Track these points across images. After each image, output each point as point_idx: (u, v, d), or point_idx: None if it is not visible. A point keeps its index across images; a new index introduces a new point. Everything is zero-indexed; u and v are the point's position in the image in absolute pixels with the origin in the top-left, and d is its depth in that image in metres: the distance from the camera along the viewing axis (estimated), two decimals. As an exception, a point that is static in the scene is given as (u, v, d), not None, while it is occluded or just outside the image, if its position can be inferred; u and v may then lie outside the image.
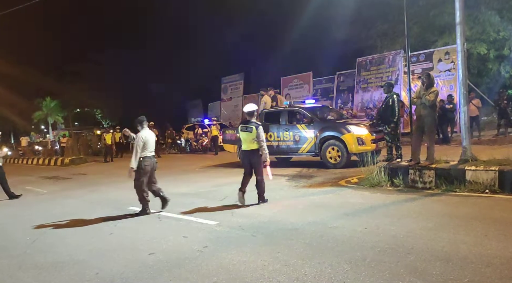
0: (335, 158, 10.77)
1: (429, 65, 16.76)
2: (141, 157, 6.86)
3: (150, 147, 6.99)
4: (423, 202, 6.49)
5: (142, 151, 6.86)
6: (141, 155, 6.85)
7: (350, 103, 20.01)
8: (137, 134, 6.98)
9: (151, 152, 7.02)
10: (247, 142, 7.13)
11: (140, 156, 6.84)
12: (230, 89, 28.04)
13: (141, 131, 7.00)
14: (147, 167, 6.91)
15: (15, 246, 5.74)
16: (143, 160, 6.87)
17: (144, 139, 6.90)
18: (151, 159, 7.02)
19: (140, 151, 6.84)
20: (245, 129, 7.14)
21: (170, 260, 4.59)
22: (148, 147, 6.95)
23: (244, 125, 7.21)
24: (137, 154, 6.81)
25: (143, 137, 6.90)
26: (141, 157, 6.85)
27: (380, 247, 4.40)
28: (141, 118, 7.19)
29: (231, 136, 13.66)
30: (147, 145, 6.91)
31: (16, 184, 13.71)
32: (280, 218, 6.07)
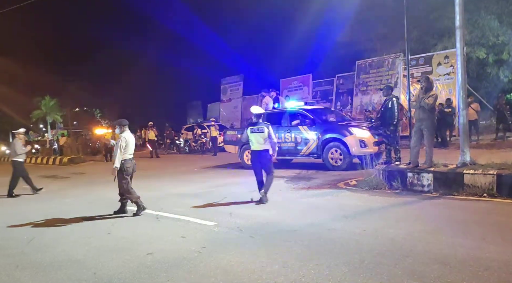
0: (337, 160, 10.76)
1: (429, 69, 16.80)
2: (122, 159, 6.95)
3: (130, 149, 7.10)
4: (422, 205, 6.50)
5: (123, 152, 6.96)
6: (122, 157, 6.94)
7: (349, 105, 20.04)
8: (121, 135, 7.10)
9: (130, 155, 7.12)
10: (259, 142, 7.39)
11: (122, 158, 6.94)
12: (229, 91, 28.07)
13: (124, 133, 7.13)
14: (128, 168, 7.05)
15: (12, 245, 5.71)
16: (124, 162, 6.98)
17: (127, 140, 7.03)
18: (131, 161, 7.15)
19: (123, 151, 6.95)
20: (257, 131, 7.40)
21: (168, 260, 4.58)
22: (129, 149, 7.06)
23: (255, 127, 7.42)
24: (120, 154, 6.92)
25: (126, 138, 7.04)
26: (122, 159, 6.94)
27: (378, 249, 4.41)
28: (123, 121, 7.32)
29: (232, 137, 13.66)
30: (128, 147, 7.02)
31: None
32: (279, 220, 6.06)
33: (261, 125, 7.48)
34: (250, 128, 7.52)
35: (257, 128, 7.44)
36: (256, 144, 7.44)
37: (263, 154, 7.43)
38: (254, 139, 7.45)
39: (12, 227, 6.76)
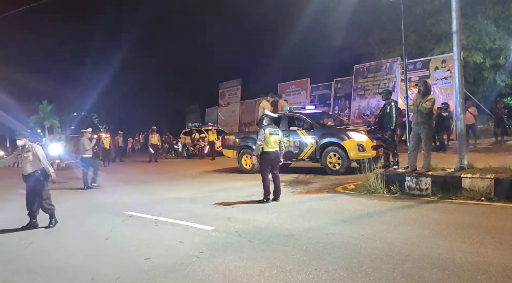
0: (335, 164, 10.77)
1: (426, 73, 16.86)
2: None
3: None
4: (420, 209, 6.51)
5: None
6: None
7: (347, 110, 20.08)
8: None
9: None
10: (275, 143, 7.85)
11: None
12: (227, 95, 28.10)
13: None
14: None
15: (9, 250, 5.69)
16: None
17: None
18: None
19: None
20: (274, 132, 7.89)
21: (166, 265, 4.57)
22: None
23: (273, 129, 7.88)
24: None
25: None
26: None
27: (377, 254, 4.41)
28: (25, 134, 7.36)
29: (231, 141, 13.66)
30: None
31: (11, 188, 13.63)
32: (277, 224, 6.06)
33: (276, 128, 8.07)
34: (269, 129, 7.84)
35: (274, 130, 7.94)
36: (272, 145, 7.82)
37: (276, 154, 7.89)
38: (272, 140, 7.79)
39: (9, 232, 6.73)
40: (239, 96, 27.26)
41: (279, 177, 7.97)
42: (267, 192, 7.71)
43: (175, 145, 24.58)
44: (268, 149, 7.80)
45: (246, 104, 26.40)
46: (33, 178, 6.88)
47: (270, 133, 7.82)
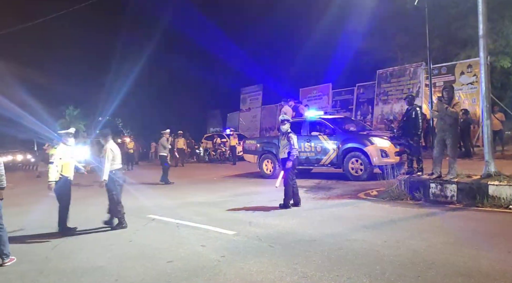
0: (358, 170, 10.66)
1: (451, 78, 16.55)
2: (112, 169, 6.89)
3: (118, 159, 7.04)
4: (445, 217, 6.38)
5: (112, 163, 6.90)
6: (112, 167, 6.88)
7: (370, 115, 19.87)
8: (105, 147, 7.01)
9: (119, 164, 7.10)
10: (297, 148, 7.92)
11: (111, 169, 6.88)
12: (249, 100, 28.21)
13: (109, 144, 7.03)
14: (119, 179, 7.00)
15: (36, 252, 5.85)
16: (115, 173, 6.92)
17: (114, 151, 6.96)
18: (121, 171, 7.14)
19: (110, 163, 6.86)
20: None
21: (188, 268, 4.62)
22: (117, 159, 7.01)
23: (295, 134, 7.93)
24: (108, 167, 6.84)
25: (112, 149, 6.95)
26: (112, 169, 6.88)
27: (400, 261, 4.34)
28: (106, 132, 7.28)
29: (252, 146, 13.70)
30: (115, 158, 6.96)
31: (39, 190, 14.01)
32: (298, 229, 6.04)
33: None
34: (296, 135, 7.96)
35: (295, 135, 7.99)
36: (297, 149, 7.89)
37: (297, 160, 7.98)
38: (296, 145, 7.89)
39: (37, 234, 6.91)
40: (260, 101, 27.33)
41: (296, 183, 7.95)
42: (288, 198, 7.69)
43: (197, 149, 24.80)
44: (297, 153, 7.86)
45: (267, 109, 26.43)
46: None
47: (298, 139, 7.91)
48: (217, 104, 32.05)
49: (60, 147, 6.82)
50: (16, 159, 34.29)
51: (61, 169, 6.71)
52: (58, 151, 6.73)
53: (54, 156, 6.68)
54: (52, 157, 6.71)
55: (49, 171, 6.66)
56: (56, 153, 6.71)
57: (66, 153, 6.81)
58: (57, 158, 6.67)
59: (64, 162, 6.75)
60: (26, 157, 35.23)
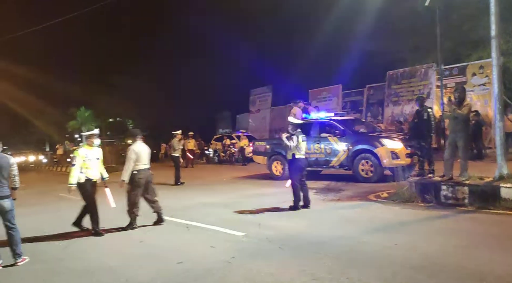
0: (368, 171, 10.60)
1: (463, 79, 16.37)
2: (135, 170, 6.88)
3: (143, 159, 7.00)
4: (456, 219, 6.31)
5: (135, 164, 6.88)
6: (134, 168, 6.87)
7: (380, 116, 19.75)
8: (129, 147, 7.04)
9: (145, 165, 7.04)
10: (305, 149, 7.88)
11: (133, 169, 6.87)
12: (258, 101, 28.21)
13: (133, 145, 7.04)
14: (141, 180, 6.93)
15: (49, 252, 5.91)
16: (138, 173, 6.90)
17: (137, 152, 6.92)
18: (146, 172, 7.04)
19: (132, 164, 6.85)
20: (304, 139, 7.92)
21: (198, 269, 4.63)
22: (141, 159, 6.97)
23: (303, 135, 7.90)
24: (129, 167, 6.84)
25: (135, 150, 6.92)
26: (134, 170, 6.87)
27: (411, 263, 4.30)
28: (134, 132, 7.27)
29: (261, 148, 13.69)
30: (139, 158, 6.93)
31: (50, 190, 14.18)
32: (308, 231, 6.02)
33: (303, 135, 8.02)
34: (301, 136, 7.85)
35: (303, 136, 7.95)
36: (304, 151, 7.88)
37: (306, 162, 8.04)
38: (303, 147, 7.86)
39: (49, 234, 6.98)
40: (269, 102, 27.32)
41: (306, 184, 7.92)
42: (297, 199, 7.67)
43: (207, 150, 24.86)
44: (300, 155, 7.80)
45: (277, 110, 26.39)
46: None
47: (303, 140, 7.84)
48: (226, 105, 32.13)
49: (83, 149, 6.73)
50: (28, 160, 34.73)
51: (85, 170, 6.59)
52: (81, 153, 6.62)
53: (77, 157, 6.54)
54: (74, 159, 6.57)
55: (70, 173, 6.57)
56: (78, 154, 6.59)
57: (90, 154, 6.69)
58: (79, 159, 6.54)
59: (88, 163, 6.61)
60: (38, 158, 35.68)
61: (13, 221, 5.30)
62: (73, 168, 6.58)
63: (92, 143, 6.84)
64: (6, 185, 5.23)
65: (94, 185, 6.75)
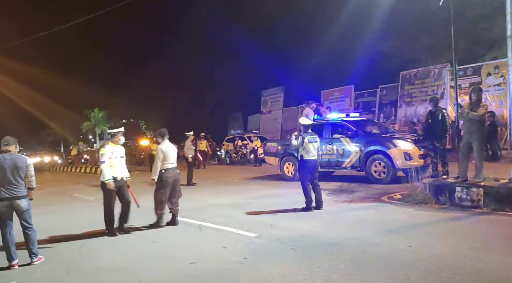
0: (380, 173, 10.53)
1: (477, 80, 16.16)
2: (163, 169, 6.96)
3: (171, 158, 7.08)
4: (471, 221, 6.23)
5: (163, 163, 6.97)
6: (162, 167, 6.96)
7: (393, 117, 19.60)
8: (158, 146, 7.14)
9: (172, 164, 7.11)
10: (314, 151, 7.79)
11: (161, 168, 6.96)
12: (270, 102, 28.22)
13: (161, 144, 7.13)
14: (169, 178, 7.01)
15: (63, 251, 5.99)
16: (166, 172, 6.98)
17: (164, 151, 7.00)
18: (174, 171, 7.11)
19: (160, 163, 6.94)
20: (313, 140, 7.82)
21: (211, 270, 4.65)
22: (169, 159, 7.04)
23: (311, 136, 7.81)
24: (157, 166, 6.94)
25: (163, 149, 7.01)
26: (162, 169, 6.96)
27: (425, 266, 4.26)
28: (163, 131, 7.32)
29: (273, 149, 13.69)
30: (167, 157, 7.01)
31: (65, 191, 14.38)
32: (320, 232, 6.00)
33: (314, 135, 7.94)
34: (308, 137, 7.77)
35: (313, 138, 7.84)
36: (312, 153, 7.76)
37: (316, 163, 7.85)
38: (312, 148, 7.74)
39: (63, 234, 7.07)
40: (281, 103, 27.30)
41: (319, 186, 7.89)
42: (309, 200, 7.65)
43: (218, 151, 24.94)
44: (308, 157, 7.74)
45: (289, 111, 26.38)
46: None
47: (310, 141, 7.75)
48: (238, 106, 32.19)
49: (108, 146, 6.76)
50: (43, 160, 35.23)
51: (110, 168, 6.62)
52: (107, 150, 6.65)
53: (104, 155, 6.58)
54: (103, 156, 6.60)
55: (103, 170, 6.59)
56: (105, 152, 6.62)
57: (115, 152, 6.73)
58: (106, 157, 6.57)
59: (114, 161, 6.63)
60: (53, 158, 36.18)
61: (30, 220, 5.39)
62: (102, 165, 6.61)
63: (119, 140, 6.88)
64: (23, 185, 5.33)
65: (118, 183, 6.76)
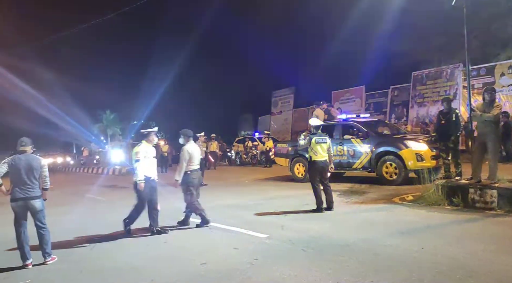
0: (392, 174, 10.44)
1: (491, 80, 15.97)
2: (188, 170, 6.94)
3: (195, 160, 7.06)
4: (485, 223, 6.15)
5: (188, 164, 6.93)
6: (187, 168, 6.92)
7: (405, 118, 19.44)
8: (183, 147, 7.07)
9: (196, 165, 7.09)
10: (323, 152, 7.69)
11: (186, 169, 6.93)
12: (280, 103, 28.20)
13: (186, 145, 7.07)
14: (194, 179, 7.01)
15: (76, 251, 6.06)
16: (191, 173, 6.96)
17: (190, 152, 6.96)
18: (198, 172, 7.12)
19: (185, 164, 6.90)
20: (321, 141, 7.71)
21: (222, 271, 4.65)
22: (194, 160, 7.02)
23: (320, 137, 7.70)
24: (182, 167, 6.89)
25: (188, 150, 6.97)
26: (187, 170, 6.94)
27: (438, 268, 4.21)
28: (187, 132, 7.24)
29: (283, 150, 13.67)
30: (192, 158, 6.98)
31: (78, 191, 14.52)
32: (331, 234, 5.97)
33: (323, 136, 7.84)
34: (315, 138, 7.70)
35: (321, 138, 7.75)
36: (321, 154, 7.67)
37: (325, 164, 7.72)
38: (320, 149, 7.66)
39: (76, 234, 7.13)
40: (291, 104, 27.27)
41: (330, 187, 7.82)
42: (319, 201, 7.62)
43: (229, 152, 24.99)
44: (316, 158, 7.68)
45: (299, 112, 26.33)
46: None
47: (317, 142, 7.67)
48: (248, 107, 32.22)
49: (143, 145, 6.73)
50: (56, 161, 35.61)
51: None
52: (142, 149, 6.63)
53: (139, 153, 6.55)
54: (138, 155, 6.57)
55: (137, 169, 6.55)
56: (140, 150, 6.60)
57: (149, 151, 6.72)
58: (141, 156, 6.54)
59: (147, 161, 6.61)
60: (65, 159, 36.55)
61: (44, 220, 5.45)
62: (137, 164, 6.55)
63: (153, 140, 6.86)
64: (37, 186, 5.40)
65: (151, 183, 6.70)
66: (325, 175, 7.77)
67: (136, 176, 6.57)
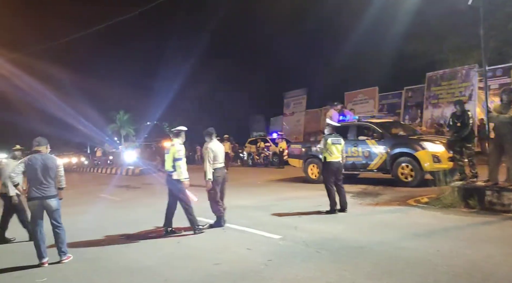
0: (408, 175, 10.32)
1: (507, 80, 15.72)
2: (213, 168, 6.92)
3: (219, 158, 7.06)
4: (502, 226, 6.04)
5: (213, 162, 6.93)
6: (212, 166, 6.91)
7: (419, 119, 19.24)
8: (206, 145, 7.03)
9: (221, 163, 7.08)
10: (338, 153, 7.68)
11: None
12: (292, 104, 28.15)
13: (209, 143, 7.05)
14: (218, 178, 7.00)
15: (90, 251, 6.11)
16: (215, 171, 6.95)
17: (214, 150, 6.96)
18: (222, 170, 7.11)
19: (212, 162, 6.91)
20: (337, 142, 7.73)
21: (235, 271, 4.64)
22: (218, 158, 7.02)
23: (336, 138, 7.71)
24: (209, 165, 6.88)
25: (212, 149, 6.96)
26: (212, 168, 6.92)
27: (455, 271, 4.14)
28: (210, 131, 7.20)
29: (297, 151, 13.63)
30: (217, 157, 6.98)
31: (92, 191, 14.68)
32: (345, 236, 5.93)
33: (338, 137, 7.84)
34: (331, 139, 7.67)
35: (337, 139, 7.75)
36: (336, 154, 7.66)
37: (339, 165, 7.73)
38: (335, 149, 7.64)
39: (90, 233, 7.20)
40: (304, 105, 27.19)
41: (343, 188, 7.78)
42: (333, 203, 7.57)
43: (241, 153, 25.02)
44: (331, 159, 7.65)
45: (311, 113, 26.25)
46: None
47: (333, 143, 7.66)
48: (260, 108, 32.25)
49: (178, 143, 6.73)
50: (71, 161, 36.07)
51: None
52: (182, 147, 6.67)
53: (181, 151, 6.59)
54: (179, 153, 6.60)
55: (180, 168, 6.56)
56: (182, 148, 6.64)
57: (183, 150, 6.76)
58: (183, 154, 6.60)
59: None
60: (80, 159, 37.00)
61: (59, 219, 5.52)
62: (179, 162, 6.58)
63: (183, 138, 6.90)
64: (53, 185, 5.46)
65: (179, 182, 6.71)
66: (339, 176, 7.74)
67: (179, 175, 6.58)
